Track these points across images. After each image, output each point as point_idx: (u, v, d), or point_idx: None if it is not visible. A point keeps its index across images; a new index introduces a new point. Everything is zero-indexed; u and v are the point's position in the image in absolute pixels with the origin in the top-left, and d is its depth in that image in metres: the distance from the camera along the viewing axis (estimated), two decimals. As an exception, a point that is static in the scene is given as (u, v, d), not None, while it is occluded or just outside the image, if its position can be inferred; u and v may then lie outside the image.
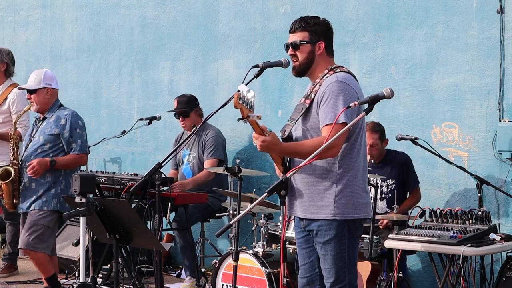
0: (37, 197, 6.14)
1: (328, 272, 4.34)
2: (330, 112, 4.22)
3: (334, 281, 4.33)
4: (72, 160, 6.18)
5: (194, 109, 7.50)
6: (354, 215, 4.32)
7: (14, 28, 10.23)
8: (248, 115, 4.06)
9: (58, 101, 6.34)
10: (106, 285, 6.87)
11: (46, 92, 6.24)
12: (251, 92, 4.02)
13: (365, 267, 5.79)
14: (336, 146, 4.17)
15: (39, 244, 6.10)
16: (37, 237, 6.09)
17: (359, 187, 4.34)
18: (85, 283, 4.83)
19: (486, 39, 6.44)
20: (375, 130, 6.44)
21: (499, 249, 5.38)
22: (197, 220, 7.46)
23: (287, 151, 4.28)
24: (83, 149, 6.22)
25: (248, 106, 4.03)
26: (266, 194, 3.96)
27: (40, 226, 6.11)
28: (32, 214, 6.15)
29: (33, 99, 6.25)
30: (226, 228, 3.99)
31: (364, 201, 4.37)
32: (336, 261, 4.31)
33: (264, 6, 7.85)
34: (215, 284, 6.17)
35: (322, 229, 4.32)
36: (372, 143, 6.41)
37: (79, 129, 6.21)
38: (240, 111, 4.04)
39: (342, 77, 4.31)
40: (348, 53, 7.19)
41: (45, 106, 6.28)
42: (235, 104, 4.00)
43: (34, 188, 6.15)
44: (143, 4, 8.86)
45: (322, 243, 4.33)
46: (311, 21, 4.45)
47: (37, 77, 6.24)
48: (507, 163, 6.34)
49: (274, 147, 4.21)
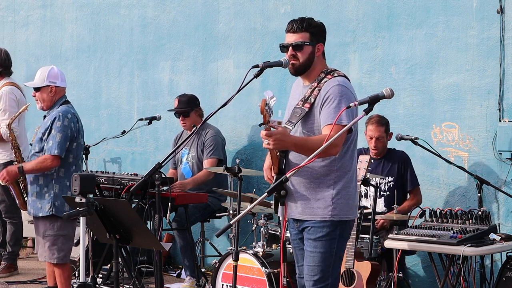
0: (33, 201, 6.01)
1: (312, 270, 4.37)
2: (332, 113, 4.27)
3: (319, 279, 4.35)
4: (37, 163, 5.93)
5: (195, 109, 7.50)
6: (349, 217, 4.41)
7: (14, 28, 10.23)
8: (269, 121, 4.14)
9: (62, 99, 6.14)
10: (106, 285, 6.87)
11: (50, 90, 6.07)
12: (274, 99, 4.11)
13: (365, 267, 5.78)
14: (338, 145, 4.23)
15: (52, 255, 5.99)
16: (49, 248, 5.98)
17: (353, 188, 4.44)
18: (85, 283, 4.83)
19: (486, 39, 6.44)
20: (381, 123, 6.44)
21: (499, 249, 5.38)
22: (197, 220, 7.46)
23: (299, 143, 4.27)
24: (51, 150, 5.90)
25: (270, 112, 4.12)
26: (266, 194, 3.97)
27: (48, 237, 5.99)
28: (39, 224, 6.05)
29: (37, 97, 6.09)
30: (226, 228, 3.99)
31: (356, 203, 4.49)
32: (323, 259, 4.35)
33: (264, 6, 7.85)
34: (215, 284, 6.16)
35: (315, 226, 4.36)
36: (378, 136, 6.41)
37: (55, 129, 5.93)
38: (263, 117, 4.11)
39: (343, 81, 4.39)
40: (348, 53, 7.19)
41: (49, 104, 6.10)
42: (261, 110, 4.07)
43: (30, 191, 6.07)
44: (143, 4, 8.86)
45: (312, 239, 4.37)
46: (312, 22, 4.49)
47: (41, 75, 6.09)
48: (507, 163, 6.34)
49: (287, 139, 4.23)
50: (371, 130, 6.40)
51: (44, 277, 7.55)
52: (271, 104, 4.09)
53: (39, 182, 5.99)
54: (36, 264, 8.27)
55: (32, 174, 6.00)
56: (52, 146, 5.89)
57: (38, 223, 6.04)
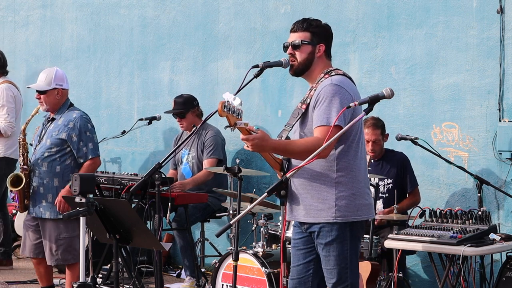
0: (48, 202, 6.02)
1: (330, 272, 4.34)
2: (323, 114, 4.22)
3: (336, 281, 4.32)
4: (85, 169, 6.01)
5: (191, 110, 7.48)
6: (356, 217, 4.31)
7: (14, 28, 10.23)
8: (236, 123, 4.05)
9: (68, 101, 6.18)
10: (106, 285, 6.87)
11: (57, 93, 6.07)
12: (237, 100, 4.03)
13: (365, 267, 5.78)
14: (326, 148, 4.11)
15: (68, 256, 6.02)
16: (66, 250, 6.01)
17: (360, 188, 4.33)
18: (85, 283, 4.83)
19: (486, 39, 6.44)
20: (377, 126, 6.40)
21: (499, 249, 5.38)
22: (197, 220, 7.46)
23: (279, 147, 4.23)
24: (95, 152, 6.08)
25: (235, 113, 4.02)
26: (266, 194, 3.96)
27: (63, 240, 6.01)
28: (51, 226, 6.03)
29: (42, 100, 6.07)
30: (226, 228, 3.98)
31: (366, 202, 4.35)
32: (338, 262, 4.30)
33: (264, 6, 7.85)
34: (215, 284, 6.16)
35: (324, 230, 4.31)
36: (375, 139, 6.38)
37: (89, 132, 6.08)
38: (226, 119, 4.03)
39: (337, 80, 4.31)
40: (348, 53, 7.19)
41: (55, 107, 6.11)
42: (219, 113, 3.99)
43: (42, 192, 6.06)
44: (143, 4, 8.86)
45: (324, 244, 4.31)
46: (314, 22, 4.45)
47: (47, 77, 6.06)
48: (507, 163, 6.34)
49: (265, 143, 4.16)
50: (367, 133, 6.33)
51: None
52: (234, 104, 4.01)
53: (54, 184, 6.03)
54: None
55: (49, 176, 6.04)
56: (94, 148, 6.11)
57: (49, 226, 6.03)
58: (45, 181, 6.05)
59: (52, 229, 6.02)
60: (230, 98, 4.01)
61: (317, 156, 4.06)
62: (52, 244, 6.01)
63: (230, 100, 4.00)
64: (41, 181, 6.06)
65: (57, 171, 6.05)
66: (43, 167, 6.06)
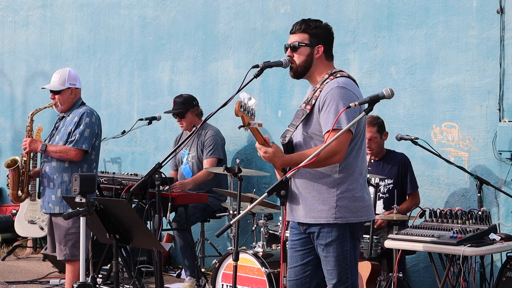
0: (57, 197, 6.05)
1: (330, 273, 4.33)
2: (331, 118, 4.20)
3: (337, 282, 4.32)
4: (61, 149, 6.04)
5: (190, 110, 7.48)
6: (356, 219, 4.31)
7: (14, 28, 10.23)
8: (249, 123, 4.06)
9: (80, 100, 6.25)
10: (106, 285, 6.88)
11: (70, 93, 6.16)
12: (252, 100, 4.04)
13: (365, 267, 5.79)
14: (340, 152, 4.15)
15: (76, 251, 5.99)
16: (74, 245, 6.01)
17: (360, 190, 4.33)
18: (85, 283, 4.83)
19: (486, 39, 6.44)
20: (372, 124, 6.36)
21: (499, 249, 5.38)
22: (197, 220, 7.46)
23: (291, 163, 4.24)
24: (77, 143, 6.03)
25: (249, 113, 4.04)
26: (266, 194, 3.96)
27: (72, 235, 6.02)
28: (60, 221, 6.03)
29: (57, 100, 6.16)
30: (226, 228, 3.98)
31: (366, 204, 4.35)
32: (338, 262, 4.30)
33: (264, 6, 7.85)
34: (215, 284, 6.17)
35: (323, 231, 4.30)
36: (370, 137, 6.33)
37: (83, 125, 6.09)
38: (241, 118, 4.05)
39: (343, 82, 4.29)
40: (348, 53, 7.19)
41: (69, 106, 6.20)
42: (236, 112, 4.00)
43: (52, 188, 6.09)
44: (143, 4, 8.86)
45: (323, 245, 4.31)
46: (313, 24, 4.41)
47: (61, 77, 6.16)
48: (507, 163, 6.34)
49: (277, 160, 4.20)
50: None
51: (44, 277, 7.57)
52: (249, 105, 4.02)
53: (64, 179, 6.06)
54: (36, 264, 8.28)
55: (58, 171, 6.06)
56: (80, 140, 6.04)
57: (59, 221, 6.05)
58: (54, 176, 6.09)
59: (61, 224, 6.04)
60: (246, 97, 4.03)
61: (331, 161, 4.13)
62: (61, 239, 6.04)
63: (246, 100, 4.02)
64: (51, 176, 6.10)
65: (66, 166, 6.09)
66: (53, 162, 6.10)
